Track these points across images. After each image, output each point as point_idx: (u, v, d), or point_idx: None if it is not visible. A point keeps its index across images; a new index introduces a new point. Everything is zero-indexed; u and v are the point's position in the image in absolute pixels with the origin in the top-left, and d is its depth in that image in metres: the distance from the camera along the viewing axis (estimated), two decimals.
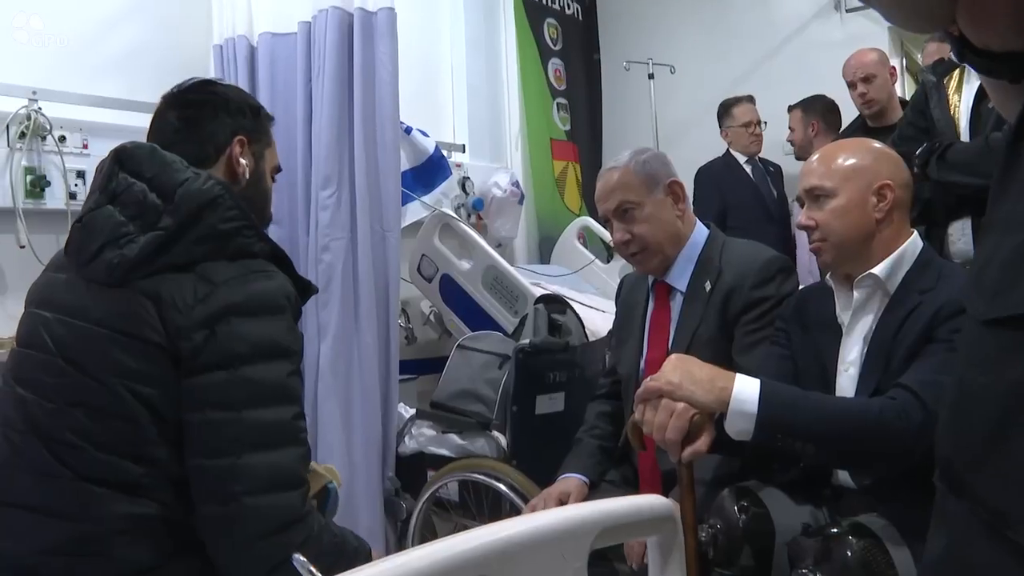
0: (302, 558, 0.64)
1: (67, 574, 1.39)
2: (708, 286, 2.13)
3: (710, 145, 4.59)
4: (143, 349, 1.40)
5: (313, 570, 0.63)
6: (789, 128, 4.40)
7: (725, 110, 4.51)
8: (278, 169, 1.78)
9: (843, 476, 1.75)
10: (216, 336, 1.40)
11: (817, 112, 4.31)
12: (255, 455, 1.38)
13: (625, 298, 2.41)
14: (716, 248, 2.19)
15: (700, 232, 2.23)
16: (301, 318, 2.75)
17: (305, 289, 1.57)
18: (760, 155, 4.54)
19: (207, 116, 1.62)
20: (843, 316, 1.76)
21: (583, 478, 2.22)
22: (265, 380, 1.42)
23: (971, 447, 0.54)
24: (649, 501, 1.04)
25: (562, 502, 2.12)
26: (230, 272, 1.45)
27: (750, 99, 4.49)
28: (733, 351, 2.07)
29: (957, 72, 2.76)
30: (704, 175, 4.46)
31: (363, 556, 1.51)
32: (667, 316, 2.22)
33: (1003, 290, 0.53)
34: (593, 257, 4.20)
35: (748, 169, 4.48)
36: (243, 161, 1.64)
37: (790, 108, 4.41)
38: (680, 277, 2.20)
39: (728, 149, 4.53)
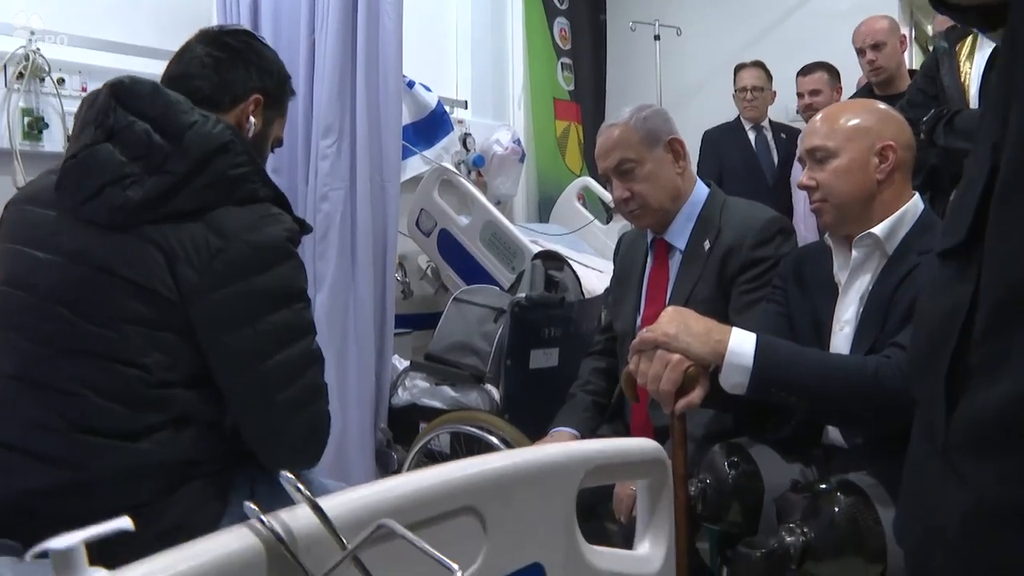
0: (290, 475, 0.64)
1: (55, 512, 1.38)
2: (707, 245, 2.12)
3: (715, 109, 4.57)
4: (153, 299, 1.39)
5: (300, 486, 0.63)
6: (807, 92, 4.24)
7: (734, 74, 4.49)
8: (279, 142, 1.77)
9: (834, 435, 1.75)
10: (236, 295, 1.41)
11: (837, 77, 4.25)
12: (289, 388, 1.47)
13: (623, 255, 2.41)
14: (716, 207, 2.18)
15: (700, 191, 2.22)
16: None
17: (301, 227, 1.56)
18: (772, 120, 4.51)
19: (237, 64, 1.61)
20: (840, 275, 1.76)
21: (575, 432, 2.23)
22: (286, 323, 1.47)
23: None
24: (639, 444, 1.04)
25: None
26: (240, 220, 1.43)
27: (756, 64, 4.45)
28: (730, 311, 2.07)
29: (970, 39, 2.74)
30: (707, 139, 4.45)
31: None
32: (665, 274, 2.22)
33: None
34: (592, 217, 4.20)
35: (752, 136, 4.46)
36: (253, 119, 1.62)
37: (806, 71, 4.28)
38: (679, 235, 2.19)
39: (739, 114, 4.51)
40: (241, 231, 1.43)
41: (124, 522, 0.63)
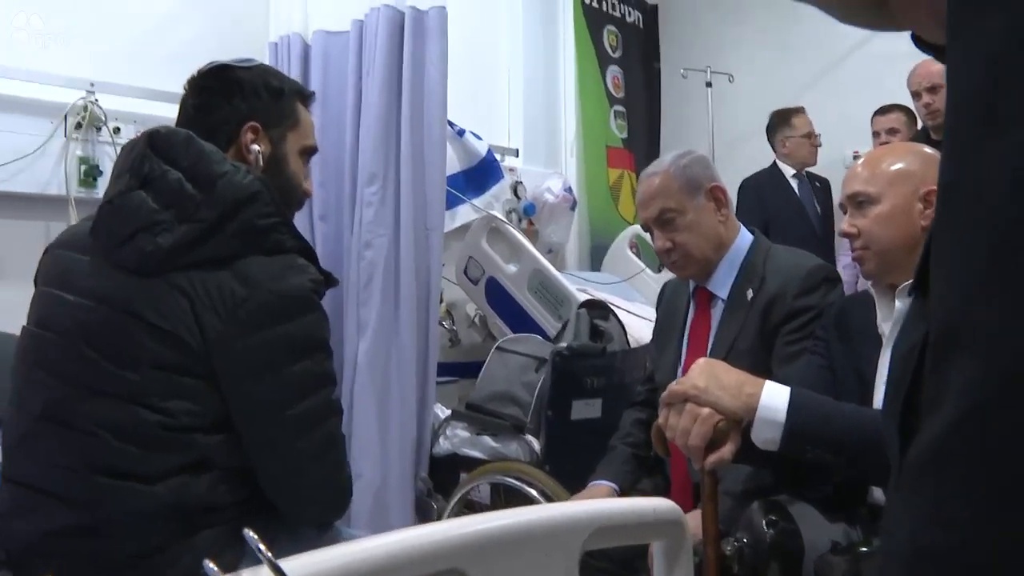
0: (253, 534, 0.61)
1: (72, 553, 1.39)
2: (750, 294, 2.07)
3: (768, 155, 4.50)
4: (178, 344, 1.40)
5: (262, 547, 0.60)
6: (884, 131, 4.12)
7: (783, 119, 4.41)
8: (312, 150, 1.73)
9: (878, 494, 1.67)
10: (260, 343, 1.42)
11: (914, 119, 4.12)
12: (307, 437, 1.48)
13: (666, 304, 2.36)
14: (760, 255, 2.12)
15: (744, 238, 2.17)
16: (341, 315, 2.79)
17: (327, 280, 1.56)
18: (808, 169, 4.43)
19: (218, 103, 1.61)
20: (884, 327, 1.69)
21: (613, 485, 2.17)
22: (308, 373, 1.48)
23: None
24: (652, 503, 0.99)
25: None
26: (266, 269, 1.44)
27: (803, 110, 4.38)
28: (773, 362, 2.00)
29: None
30: (748, 187, 4.37)
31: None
32: (707, 324, 2.16)
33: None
34: (644, 266, 4.15)
35: (795, 184, 4.37)
36: (255, 148, 1.60)
37: (884, 111, 4.18)
38: (722, 284, 2.14)
39: (775, 161, 4.42)
40: (266, 280, 1.43)
41: None
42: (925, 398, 0.47)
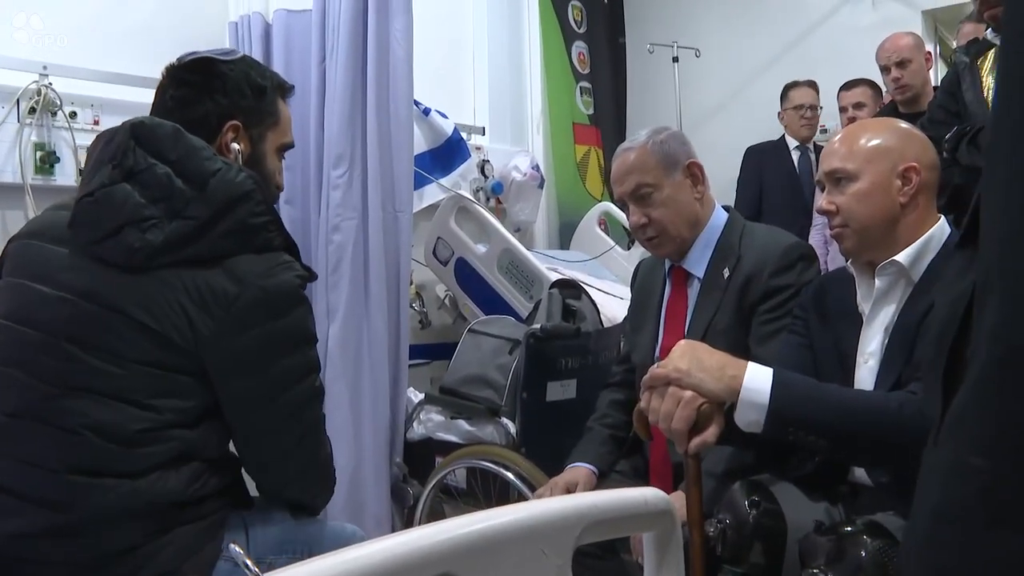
0: (238, 549, 0.58)
1: (44, 557, 1.35)
2: (726, 273, 2.05)
3: (735, 130, 4.51)
4: (164, 342, 1.38)
5: (248, 562, 0.57)
6: (851, 105, 4.14)
7: (784, 91, 4.42)
8: (287, 146, 1.71)
9: (860, 473, 1.67)
10: (252, 341, 1.41)
11: (880, 93, 4.15)
12: (296, 422, 1.51)
13: (641, 284, 2.34)
14: (735, 233, 2.11)
15: (719, 216, 2.15)
16: (311, 301, 2.75)
17: (309, 274, 1.55)
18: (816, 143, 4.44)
19: (201, 98, 1.56)
20: (864, 305, 1.68)
21: (592, 468, 2.15)
22: (296, 365, 1.49)
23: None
24: (643, 494, 0.97)
25: (569, 492, 2.07)
26: (255, 267, 1.43)
27: (810, 83, 4.38)
28: (750, 341, 1.99)
29: (991, 52, 2.64)
30: (751, 154, 4.40)
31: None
32: (684, 303, 2.15)
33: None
34: (613, 243, 4.13)
35: (795, 156, 4.37)
36: (235, 147, 1.57)
37: (849, 85, 4.19)
38: (698, 263, 2.12)
39: (784, 133, 4.43)
40: (256, 278, 1.42)
41: None
42: (972, 347, 0.46)
